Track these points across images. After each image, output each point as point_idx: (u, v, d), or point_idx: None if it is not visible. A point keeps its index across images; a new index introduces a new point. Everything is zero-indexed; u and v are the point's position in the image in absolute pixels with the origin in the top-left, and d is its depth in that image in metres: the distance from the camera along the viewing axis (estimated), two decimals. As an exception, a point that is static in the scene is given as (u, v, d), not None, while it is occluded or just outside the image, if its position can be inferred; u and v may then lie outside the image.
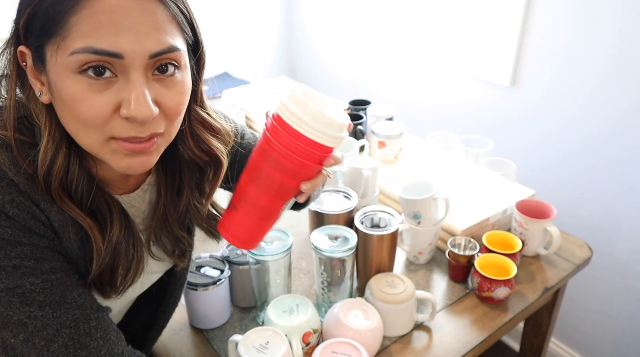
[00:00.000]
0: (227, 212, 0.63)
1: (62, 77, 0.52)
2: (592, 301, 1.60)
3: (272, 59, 2.51)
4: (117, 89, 0.52)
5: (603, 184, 1.45)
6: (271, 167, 0.58)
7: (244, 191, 0.61)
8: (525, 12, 1.47)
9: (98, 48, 0.50)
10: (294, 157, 0.57)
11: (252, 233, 0.63)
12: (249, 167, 0.61)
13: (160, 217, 0.70)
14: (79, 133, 0.55)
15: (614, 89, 1.34)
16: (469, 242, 1.04)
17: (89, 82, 0.51)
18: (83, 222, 0.59)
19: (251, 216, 0.61)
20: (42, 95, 0.56)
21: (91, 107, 0.52)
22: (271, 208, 0.61)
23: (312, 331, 0.83)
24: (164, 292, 0.83)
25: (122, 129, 0.54)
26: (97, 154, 0.57)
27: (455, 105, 1.80)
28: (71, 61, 0.50)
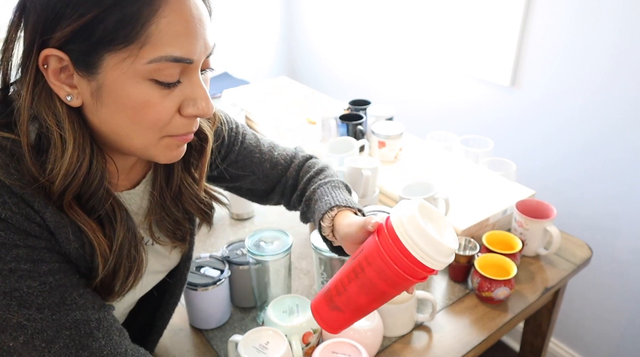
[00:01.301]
0: (329, 309, 0.64)
1: (131, 83, 0.52)
2: (592, 300, 1.60)
3: (272, 59, 2.51)
4: (181, 90, 0.55)
5: (603, 184, 1.45)
6: (376, 273, 0.60)
7: (348, 292, 0.62)
8: (525, 12, 1.47)
9: (179, 56, 0.52)
10: (400, 273, 0.58)
11: (343, 325, 0.65)
12: (354, 264, 0.62)
13: (158, 201, 0.71)
14: (131, 136, 0.56)
15: (614, 88, 1.34)
16: (469, 242, 1.04)
17: (160, 88, 0.53)
18: (88, 228, 0.58)
19: (346, 311, 0.63)
20: (73, 99, 0.54)
21: (161, 111, 0.54)
22: (366, 308, 0.64)
23: (312, 331, 0.83)
24: (164, 293, 0.83)
25: (181, 128, 0.58)
26: (144, 151, 0.58)
27: (455, 105, 1.80)
28: (147, 69, 0.52)
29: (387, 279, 0.59)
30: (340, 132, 1.42)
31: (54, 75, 0.53)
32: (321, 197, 0.79)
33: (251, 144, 0.85)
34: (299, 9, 2.39)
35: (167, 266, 0.78)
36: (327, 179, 0.84)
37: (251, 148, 0.85)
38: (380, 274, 0.59)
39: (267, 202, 0.92)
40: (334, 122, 1.43)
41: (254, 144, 0.86)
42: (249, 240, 0.89)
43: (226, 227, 1.22)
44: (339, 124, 1.41)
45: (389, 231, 0.59)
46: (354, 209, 0.75)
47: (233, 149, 0.83)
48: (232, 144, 0.83)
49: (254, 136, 0.87)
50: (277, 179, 0.89)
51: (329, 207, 0.75)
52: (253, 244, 0.88)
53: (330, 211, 0.74)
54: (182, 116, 0.57)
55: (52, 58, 0.52)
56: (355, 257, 0.62)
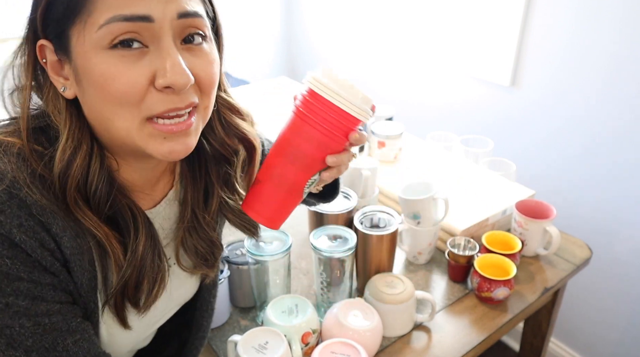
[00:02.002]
0: (252, 188, 0.62)
1: (92, 56, 0.49)
2: (591, 301, 1.60)
3: (272, 59, 2.51)
4: (149, 59, 0.50)
5: (603, 184, 1.45)
6: (299, 137, 0.59)
7: (270, 164, 0.61)
8: (525, 12, 1.47)
9: (127, 14, 0.48)
10: (321, 126, 0.58)
11: (277, 209, 0.62)
12: (277, 141, 0.62)
13: (190, 223, 0.67)
14: (112, 118, 0.52)
15: (614, 88, 1.34)
16: (469, 243, 1.04)
17: (121, 55, 0.49)
18: (99, 231, 0.54)
19: (277, 190, 0.61)
20: (67, 90, 0.53)
21: (126, 82, 0.49)
22: (296, 181, 0.61)
23: (312, 331, 0.82)
24: (190, 327, 0.80)
25: (159, 104, 0.51)
26: (133, 142, 0.53)
27: (455, 105, 1.80)
28: (100, 36, 0.48)
29: (311, 139, 0.58)
30: (340, 132, 1.42)
31: (52, 68, 0.53)
32: None
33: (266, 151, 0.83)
34: (299, 9, 2.39)
35: (182, 294, 0.74)
36: None
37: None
38: (305, 136, 0.58)
39: None
40: (333, 122, 1.43)
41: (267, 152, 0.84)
42: (249, 240, 0.89)
43: (226, 227, 1.22)
44: (338, 124, 1.41)
45: (306, 91, 0.59)
46: None
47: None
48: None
49: (268, 141, 0.85)
50: None
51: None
52: (252, 244, 0.88)
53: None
54: (158, 91, 0.51)
55: (47, 50, 0.52)
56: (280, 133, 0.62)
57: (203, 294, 0.78)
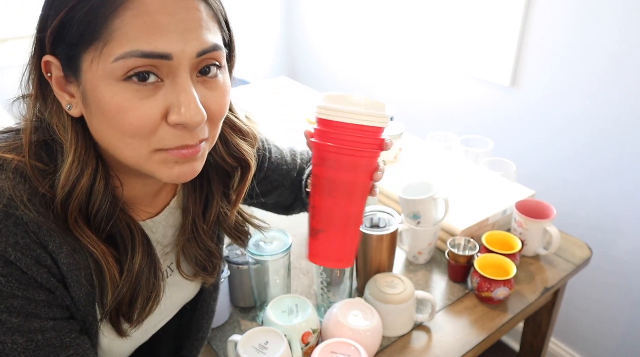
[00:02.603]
0: (316, 239, 0.61)
1: (104, 86, 0.48)
2: (592, 300, 1.60)
3: (272, 59, 2.51)
4: (164, 93, 0.49)
5: (603, 184, 1.45)
6: (332, 169, 0.57)
7: (319, 208, 0.59)
8: (525, 12, 1.47)
9: (146, 51, 0.46)
10: (348, 149, 0.57)
11: (352, 247, 0.61)
12: (313, 184, 0.60)
13: (190, 232, 0.67)
14: (120, 146, 0.51)
15: (614, 88, 1.34)
16: (469, 242, 1.04)
17: (136, 89, 0.48)
18: (96, 249, 0.54)
19: (345, 230, 0.59)
20: (72, 108, 0.51)
21: (139, 117, 0.48)
22: (358, 211, 0.60)
23: (312, 331, 0.82)
24: (189, 328, 0.80)
25: (172, 139, 0.50)
26: (141, 167, 0.52)
27: (455, 105, 1.80)
28: (115, 68, 0.47)
29: (344, 167, 0.57)
30: (340, 132, 1.42)
31: (57, 83, 0.51)
32: None
33: (277, 158, 0.83)
34: (299, 9, 2.39)
35: (182, 298, 0.75)
36: None
37: (278, 162, 0.83)
38: (337, 166, 0.57)
39: (292, 211, 0.92)
40: (333, 122, 1.43)
41: (280, 157, 0.84)
42: (249, 240, 0.89)
43: (226, 227, 1.22)
44: (338, 124, 1.41)
45: (318, 122, 0.58)
46: None
47: (262, 167, 0.80)
48: (261, 162, 0.80)
49: (276, 148, 0.85)
50: (300, 183, 0.88)
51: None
52: (252, 244, 0.88)
53: None
54: (169, 126, 0.50)
55: (53, 66, 0.50)
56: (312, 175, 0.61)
57: (204, 297, 0.78)
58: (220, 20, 0.54)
